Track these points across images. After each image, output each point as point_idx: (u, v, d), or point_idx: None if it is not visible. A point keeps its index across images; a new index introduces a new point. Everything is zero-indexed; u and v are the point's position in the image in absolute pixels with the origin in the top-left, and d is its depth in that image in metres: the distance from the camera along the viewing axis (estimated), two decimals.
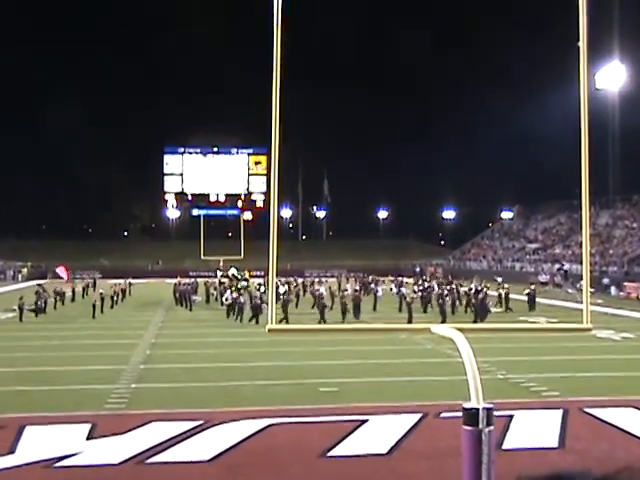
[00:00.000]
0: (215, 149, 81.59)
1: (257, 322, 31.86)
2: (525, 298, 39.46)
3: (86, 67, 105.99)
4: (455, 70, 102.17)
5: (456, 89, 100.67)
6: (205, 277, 62.32)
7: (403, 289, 42.07)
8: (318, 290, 40.65)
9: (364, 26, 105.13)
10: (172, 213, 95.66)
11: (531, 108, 77.07)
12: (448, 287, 42.84)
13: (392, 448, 12.28)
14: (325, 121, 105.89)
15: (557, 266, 63.71)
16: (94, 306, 36.17)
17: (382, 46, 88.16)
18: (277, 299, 35.00)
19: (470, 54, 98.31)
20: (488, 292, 38.16)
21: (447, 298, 36.55)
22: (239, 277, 54.92)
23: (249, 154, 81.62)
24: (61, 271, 44.52)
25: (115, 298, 42.98)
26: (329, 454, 12.01)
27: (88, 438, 12.90)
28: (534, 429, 13.43)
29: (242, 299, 35.16)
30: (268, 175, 74.49)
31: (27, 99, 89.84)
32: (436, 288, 43.03)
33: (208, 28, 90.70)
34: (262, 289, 40.64)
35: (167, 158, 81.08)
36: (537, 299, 39.91)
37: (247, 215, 79.80)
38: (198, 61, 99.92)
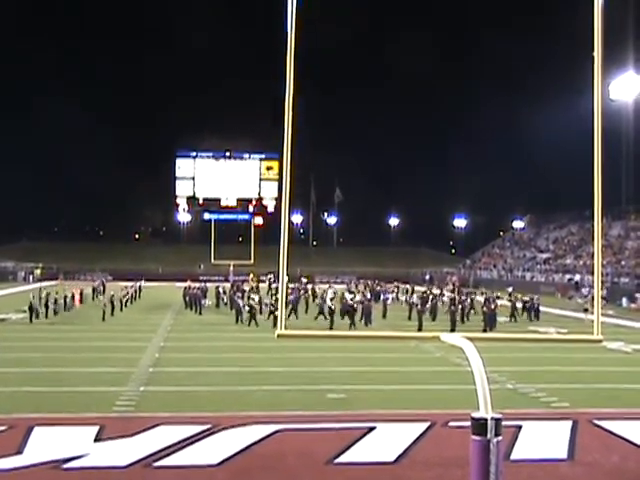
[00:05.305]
0: (227, 154, 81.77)
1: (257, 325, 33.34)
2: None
3: (100, 69, 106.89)
4: (469, 79, 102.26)
5: (469, 98, 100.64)
6: (215, 281, 62.30)
7: (414, 297, 41.99)
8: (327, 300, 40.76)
9: (376, 36, 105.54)
10: (183, 217, 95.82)
11: (544, 118, 76.90)
12: (458, 295, 42.76)
13: (399, 456, 12.24)
14: (337, 127, 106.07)
15: (567, 277, 63.50)
16: (104, 309, 36.26)
17: (396, 55, 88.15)
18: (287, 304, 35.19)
19: (484, 63, 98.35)
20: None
21: (458, 306, 36.44)
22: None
23: (261, 159, 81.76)
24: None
25: (125, 301, 43.08)
26: (336, 461, 11.98)
27: (96, 440, 12.91)
28: (543, 440, 13.36)
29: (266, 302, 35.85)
30: (280, 180, 74.59)
31: (39, 101, 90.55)
32: (447, 295, 43.05)
33: (221, 32, 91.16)
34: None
35: (179, 162, 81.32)
36: (551, 309, 39.77)
37: (258, 220, 79.89)
38: (211, 65, 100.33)
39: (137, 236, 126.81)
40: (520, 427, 13.90)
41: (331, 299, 36.82)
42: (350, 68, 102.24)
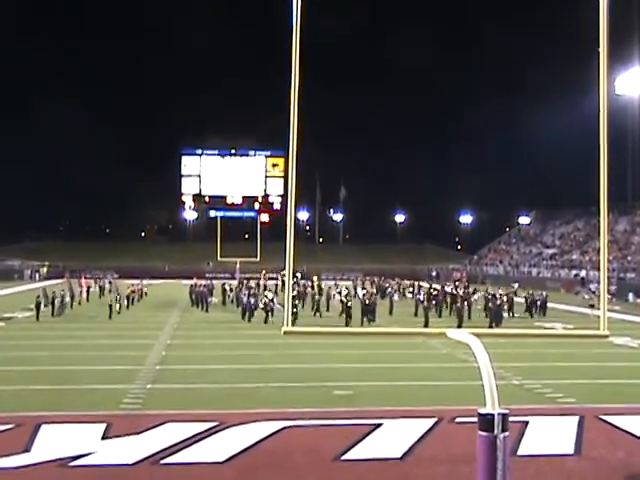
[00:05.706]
0: (233, 151, 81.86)
1: (265, 322, 33.58)
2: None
3: (100, 69, 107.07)
4: (474, 75, 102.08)
5: (474, 94, 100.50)
6: (222, 279, 62.34)
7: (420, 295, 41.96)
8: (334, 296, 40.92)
9: (383, 31, 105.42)
10: (189, 214, 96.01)
11: (550, 114, 76.73)
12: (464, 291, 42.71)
13: (406, 453, 12.24)
14: (343, 124, 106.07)
15: (574, 272, 63.38)
16: (110, 306, 36.34)
17: (401, 51, 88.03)
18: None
19: (489, 60, 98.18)
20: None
21: (465, 303, 36.42)
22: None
23: (266, 156, 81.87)
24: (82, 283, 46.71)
25: (131, 299, 43.16)
26: (343, 458, 11.99)
27: (103, 438, 12.94)
28: (550, 435, 13.35)
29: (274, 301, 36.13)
30: (285, 177, 74.62)
31: (39, 101, 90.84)
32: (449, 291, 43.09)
33: (226, 29, 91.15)
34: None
35: (185, 160, 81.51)
36: (557, 305, 39.71)
37: (264, 217, 79.99)
38: (212, 64, 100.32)
39: (143, 234, 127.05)
40: (527, 423, 13.89)
41: (345, 295, 36.87)
42: (356, 65, 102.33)
